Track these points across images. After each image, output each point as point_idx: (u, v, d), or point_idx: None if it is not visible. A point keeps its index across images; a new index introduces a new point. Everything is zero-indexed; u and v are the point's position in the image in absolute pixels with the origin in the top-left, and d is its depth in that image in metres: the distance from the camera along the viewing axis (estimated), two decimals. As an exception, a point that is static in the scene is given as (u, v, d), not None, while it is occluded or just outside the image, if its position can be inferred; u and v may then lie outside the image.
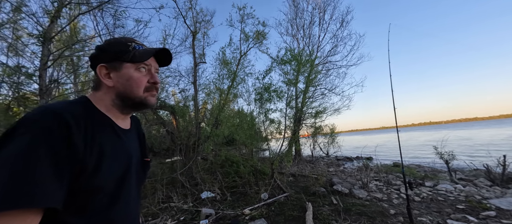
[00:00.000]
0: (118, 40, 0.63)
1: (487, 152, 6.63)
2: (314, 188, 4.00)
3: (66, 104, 0.52)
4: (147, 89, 0.64)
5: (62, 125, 0.46)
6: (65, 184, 0.44)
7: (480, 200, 3.35)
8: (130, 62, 0.61)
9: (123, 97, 0.62)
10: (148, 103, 0.64)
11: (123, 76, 0.61)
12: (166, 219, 2.97)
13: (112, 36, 3.92)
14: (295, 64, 5.06)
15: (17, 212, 0.38)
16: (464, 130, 36.02)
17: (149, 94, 0.65)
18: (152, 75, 0.65)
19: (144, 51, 0.62)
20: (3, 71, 4.62)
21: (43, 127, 0.43)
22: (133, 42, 0.63)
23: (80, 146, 0.48)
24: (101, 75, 0.60)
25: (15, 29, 3.97)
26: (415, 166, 7.21)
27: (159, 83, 0.67)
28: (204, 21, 6.51)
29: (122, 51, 0.60)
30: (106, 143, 0.55)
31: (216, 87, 5.69)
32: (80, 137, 0.48)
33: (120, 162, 0.59)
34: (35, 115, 0.45)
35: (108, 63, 0.60)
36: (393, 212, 2.95)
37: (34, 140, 0.42)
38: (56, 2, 3.08)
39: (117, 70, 0.61)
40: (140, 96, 0.62)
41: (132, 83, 0.61)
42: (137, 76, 0.62)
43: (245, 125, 5.09)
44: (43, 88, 2.91)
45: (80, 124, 0.50)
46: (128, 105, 0.64)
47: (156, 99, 0.68)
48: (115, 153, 0.57)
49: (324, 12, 9.40)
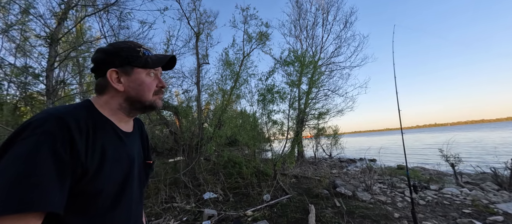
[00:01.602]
0: (128, 45, 0.63)
1: (495, 154, 6.48)
2: (316, 190, 3.97)
3: (69, 108, 0.52)
4: (156, 92, 0.67)
5: (65, 130, 0.46)
6: (66, 188, 0.45)
7: (487, 204, 3.28)
8: (142, 68, 0.63)
9: (133, 101, 0.64)
10: (157, 105, 0.68)
11: (135, 81, 0.62)
12: (169, 219, 2.99)
13: (117, 38, 3.98)
14: (298, 66, 5.05)
15: (18, 216, 0.38)
16: (473, 132, 35.18)
17: (157, 97, 0.68)
18: (160, 80, 0.69)
19: (157, 59, 0.66)
20: (11, 72, 4.71)
21: (45, 131, 0.44)
22: (141, 47, 0.65)
23: (82, 150, 0.48)
24: (112, 79, 0.60)
25: (23, 30, 4.06)
26: (420, 168, 7.11)
27: (166, 86, 0.71)
28: (207, 22, 6.57)
29: (134, 57, 0.62)
30: (108, 147, 0.56)
31: (219, 88, 5.71)
32: (82, 141, 0.49)
33: (122, 166, 0.59)
34: (38, 120, 0.46)
35: (119, 67, 0.60)
36: (398, 215, 2.91)
37: (37, 144, 0.42)
38: (63, 4, 3.13)
39: (128, 75, 0.61)
40: (150, 99, 0.65)
41: (144, 87, 0.64)
42: (148, 81, 0.64)
43: (247, 126, 5.10)
44: (50, 89, 2.96)
45: (82, 128, 0.50)
46: (137, 108, 0.66)
47: (162, 101, 0.72)
48: (116, 157, 0.58)
49: (328, 13, 9.37)
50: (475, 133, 32.06)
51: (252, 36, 5.39)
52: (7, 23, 3.76)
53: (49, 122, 0.46)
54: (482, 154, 9.44)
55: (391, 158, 10.27)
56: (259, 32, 5.38)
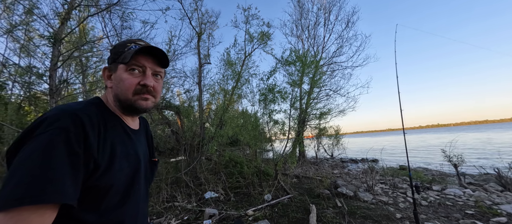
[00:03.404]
0: (121, 42, 0.63)
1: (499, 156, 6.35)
2: (318, 190, 3.96)
3: (81, 105, 0.54)
4: (136, 91, 0.59)
5: (78, 125, 0.48)
6: (80, 182, 0.46)
7: (490, 205, 3.25)
8: (121, 64, 0.59)
9: (117, 99, 0.61)
10: (137, 106, 0.60)
11: (116, 77, 0.60)
12: (170, 218, 3.00)
13: (119, 37, 4.01)
14: (299, 65, 5.04)
15: (35, 207, 0.39)
16: (480, 133, 34.58)
17: (139, 97, 0.60)
18: (145, 77, 0.60)
19: (131, 51, 0.58)
20: (15, 71, 4.77)
21: (60, 127, 0.45)
22: (132, 43, 0.61)
23: (94, 146, 0.50)
24: (104, 76, 0.63)
25: (27, 30, 4.10)
26: (423, 169, 7.06)
27: (150, 85, 0.60)
28: (209, 22, 6.58)
29: (119, 53, 0.60)
30: (118, 142, 0.57)
31: (221, 87, 5.72)
32: (95, 137, 0.51)
33: (131, 162, 0.60)
34: (52, 116, 0.47)
35: (109, 64, 0.62)
36: (399, 216, 2.89)
37: (52, 140, 0.43)
38: (67, 4, 3.16)
39: (114, 71, 0.61)
40: (129, 98, 0.59)
41: (121, 85, 0.58)
42: (126, 78, 0.58)
43: (249, 125, 5.10)
44: (53, 88, 2.99)
45: (94, 124, 0.52)
46: (123, 107, 0.61)
47: (151, 103, 0.62)
48: (126, 153, 0.59)
49: (330, 12, 9.34)
50: (482, 133, 31.51)
51: (253, 36, 5.38)
52: (12, 24, 3.81)
53: (63, 118, 0.47)
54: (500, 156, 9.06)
55: (394, 158, 10.21)
56: (260, 32, 5.38)
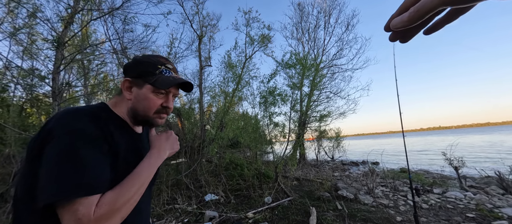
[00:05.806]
0: (150, 60, 0.66)
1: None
2: (318, 193, 3.95)
3: (90, 108, 0.58)
4: (157, 111, 0.66)
5: (93, 126, 0.52)
6: (109, 173, 0.53)
7: (491, 208, 3.24)
8: (151, 85, 0.63)
9: (135, 112, 0.66)
10: (154, 123, 0.67)
11: (141, 94, 0.64)
12: (170, 220, 3.01)
13: (121, 41, 4.05)
14: (300, 68, 5.07)
15: (87, 198, 0.46)
16: (487, 135, 34.27)
17: (158, 116, 0.67)
18: (167, 100, 0.67)
19: (167, 81, 0.64)
20: (18, 74, 4.81)
21: (80, 128, 0.50)
22: (163, 66, 0.66)
23: (105, 146, 0.54)
24: (124, 87, 0.65)
25: (31, 34, 4.15)
26: (424, 171, 7.03)
27: (171, 108, 0.69)
28: (210, 25, 6.63)
29: (148, 73, 0.64)
30: (123, 144, 0.60)
31: (221, 90, 5.75)
32: (106, 138, 0.55)
33: (135, 163, 0.62)
34: (66, 117, 0.51)
35: (133, 78, 0.65)
36: (400, 219, 2.89)
37: (77, 139, 0.49)
38: (70, 8, 3.21)
39: (138, 87, 0.64)
40: (149, 116, 0.65)
41: (146, 103, 0.64)
42: (152, 98, 0.64)
43: (249, 128, 5.12)
44: (56, 91, 3.02)
45: (103, 126, 0.56)
46: (138, 120, 0.67)
47: (163, 121, 0.70)
48: (130, 154, 0.62)
49: (330, 15, 9.41)
50: (488, 136, 31.23)
51: (254, 38, 5.42)
52: (15, 27, 3.86)
53: (80, 119, 0.52)
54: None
55: (396, 159, 10.17)
56: (261, 35, 5.41)
